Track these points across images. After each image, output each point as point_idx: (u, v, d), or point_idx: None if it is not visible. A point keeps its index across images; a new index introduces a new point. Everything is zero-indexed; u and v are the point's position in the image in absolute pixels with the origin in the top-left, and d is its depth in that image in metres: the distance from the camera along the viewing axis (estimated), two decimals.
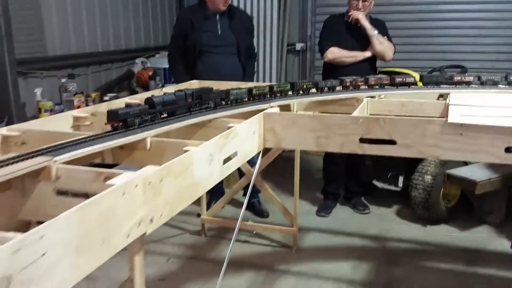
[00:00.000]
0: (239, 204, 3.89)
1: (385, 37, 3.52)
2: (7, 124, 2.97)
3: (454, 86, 2.63)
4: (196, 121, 1.88)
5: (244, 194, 3.88)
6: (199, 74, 3.37)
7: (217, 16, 3.41)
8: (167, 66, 4.88)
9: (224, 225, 3.46)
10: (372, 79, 2.58)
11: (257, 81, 4.94)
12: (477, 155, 1.80)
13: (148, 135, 1.62)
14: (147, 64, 4.85)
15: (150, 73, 4.67)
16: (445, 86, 2.64)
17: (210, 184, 1.62)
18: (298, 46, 5.67)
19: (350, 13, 3.47)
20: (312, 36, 5.57)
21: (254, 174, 2.20)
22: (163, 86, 4.57)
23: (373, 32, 3.42)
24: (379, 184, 3.90)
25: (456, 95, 2.35)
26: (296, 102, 2.40)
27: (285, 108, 2.31)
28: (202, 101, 1.91)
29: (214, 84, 3.02)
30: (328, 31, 3.60)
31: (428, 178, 3.45)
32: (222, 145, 1.69)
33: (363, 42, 3.51)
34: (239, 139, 1.84)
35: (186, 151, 1.53)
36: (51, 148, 1.36)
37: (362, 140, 1.94)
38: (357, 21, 3.45)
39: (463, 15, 4.96)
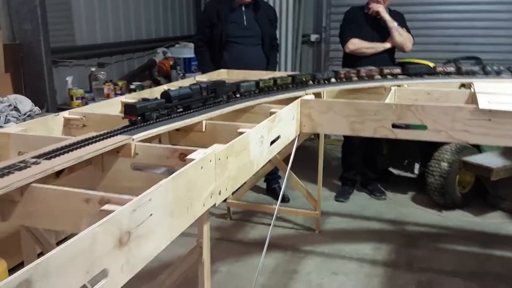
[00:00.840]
0: (260, 190, 4.05)
1: (404, 28, 3.64)
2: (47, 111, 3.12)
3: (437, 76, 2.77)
4: (241, 107, 2.02)
5: (265, 180, 4.03)
6: (225, 64, 3.50)
7: (243, 8, 3.53)
8: (186, 56, 5.03)
9: (248, 208, 3.62)
10: (362, 70, 2.65)
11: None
12: (504, 139, 1.94)
13: (203, 118, 1.77)
14: (168, 54, 4.98)
15: (171, 63, 4.80)
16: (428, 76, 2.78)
17: (261, 163, 1.77)
18: (313, 37, 5.78)
19: (370, 6, 3.59)
20: (327, 28, 5.68)
21: (291, 159, 2.33)
22: (184, 76, 4.72)
23: (393, 24, 3.54)
24: (395, 171, 4.03)
25: (479, 84, 2.48)
26: (326, 90, 2.54)
27: (316, 96, 2.44)
28: (217, 95, 1.90)
29: (241, 74, 3.18)
30: (349, 22, 3.72)
31: (444, 165, 3.59)
32: (270, 128, 1.83)
33: (383, 33, 3.64)
34: (282, 124, 1.98)
35: (240, 132, 1.67)
36: (124, 128, 1.50)
37: (394, 126, 2.08)
38: (377, 13, 3.57)
39: (477, 7, 5.06)
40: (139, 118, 1.52)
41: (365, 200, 3.97)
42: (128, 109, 1.53)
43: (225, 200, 3.61)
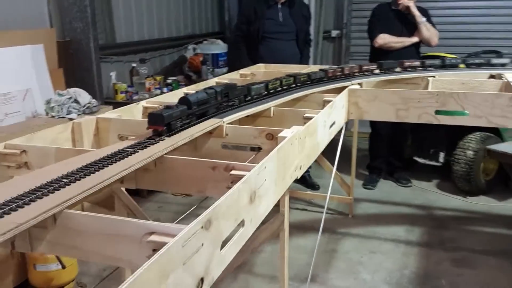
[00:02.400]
0: None
1: (430, 24, 3.83)
2: None
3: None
4: (298, 96, 2.23)
5: None
6: (261, 58, 3.70)
7: (279, 5, 3.73)
8: (215, 52, 5.25)
9: None
10: (346, 68, 2.67)
11: None
12: None
13: (271, 105, 1.98)
14: (197, 50, 5.18)
15: (201, 59, 5.00)
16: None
17: (323, 145, 1.97)
18: (334, 33, 5.97)
19: (400, 1, 3.76)
20: (348, 24, 5.87)
21: (338, 149, 2.53)
22: (213, 71, 4.92)
23: (421, 19, 3.73)
24: (421, 160, 4.23)
25: (510, 75, 2.67)
26: (365, 81, 2.74)
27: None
28: (229, 98, 1.80)
29: (278, 67, 3.38)
30: (377, 18, 3.91)
31: (470, 153, 3.78)
32: (329, 113, 2.03)
33: (410, 28, 3.82)
34: (336, 111, 2.19)
35: (307, 117, 1.88)
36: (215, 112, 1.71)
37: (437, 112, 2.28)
38: (407, 8, 3.75)
39: (494, 3, 5.23)
40: (165, 128, 1.40)
41: (391, 187, 4.17)
42: (153, 118, 1.40)
43: None
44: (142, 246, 0.88)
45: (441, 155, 4.10)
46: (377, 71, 2.84)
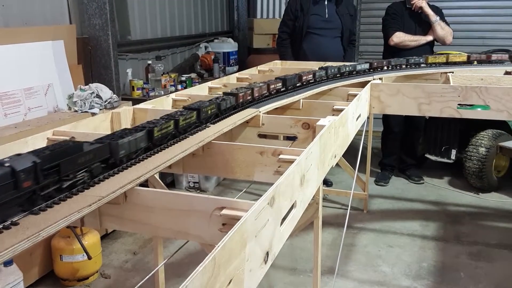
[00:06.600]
0: None
1: (444, 22, 3.87)
2: None
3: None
4: (319, 90, 2.27)
5: None
6: (304, 54, 3.73)
7: (325, 1, 3.73)
8: (226, 50, 5.30)
9: None
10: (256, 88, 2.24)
11: None
12: None
13: (300, 97, 2.02)
14: (209, 48, 5.23)
15: (213, 57, 5.05)
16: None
17: (351, 137, 2.01)
18: None
19: (413, 1, 3.81)
20: (357, 23, 5.90)
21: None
22: (224, 69, 4.95)
23: (435, 18, 3.78)
24: (432, 157, 4.27)
25: None
26: (385, 76, 2.79)
27: None
28: (61, 177, 0.88)
29: (316, 65, 3.38)
30: (392, 17, 3.94)
31: (482, 150, 3.82)
32: (357, 106, 2.08)
33: (424, 27, 3.87)
34: (361, 104, 2.23)
35: (336, 109, 1.92)
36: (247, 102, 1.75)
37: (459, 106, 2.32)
38: (420, 8, 3.79)
39: (502, 3, 5.28)
40: None
41: (404, 184, 4.21)
42: None
43: None
44: (212, 221, 0.92)
45: (453, 152, 4.14)
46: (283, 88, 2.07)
